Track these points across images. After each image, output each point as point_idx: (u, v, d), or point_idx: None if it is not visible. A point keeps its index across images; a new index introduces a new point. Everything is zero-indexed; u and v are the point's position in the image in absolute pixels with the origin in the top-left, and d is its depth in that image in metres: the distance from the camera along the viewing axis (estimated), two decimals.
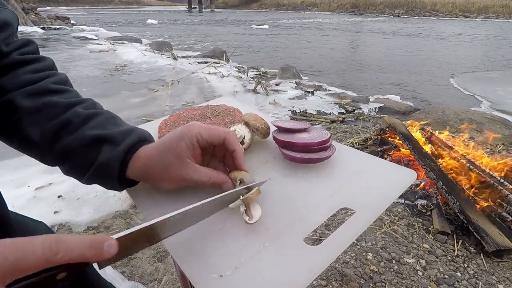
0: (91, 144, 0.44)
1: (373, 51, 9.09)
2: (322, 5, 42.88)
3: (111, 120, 0.48)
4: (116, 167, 0.44)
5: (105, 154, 0.44)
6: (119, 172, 0.44)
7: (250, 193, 0.42)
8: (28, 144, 0.46)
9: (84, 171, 0.45)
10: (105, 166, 0.44)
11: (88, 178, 0.46)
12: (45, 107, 0.45)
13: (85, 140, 0.44)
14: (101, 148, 0.44)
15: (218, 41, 10.60)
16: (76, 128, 0.45)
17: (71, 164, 0.46)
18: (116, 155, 0.44)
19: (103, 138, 0.45)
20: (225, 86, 4.57)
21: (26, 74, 0.47)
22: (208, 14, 34.31)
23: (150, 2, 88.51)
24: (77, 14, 28.80)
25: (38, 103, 0.45)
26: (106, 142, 0.44)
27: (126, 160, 0.45)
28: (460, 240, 1.50)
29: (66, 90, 0.49)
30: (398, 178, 0.51)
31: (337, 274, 1.31)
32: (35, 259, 0.25)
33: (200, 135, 0.44)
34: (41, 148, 0.45)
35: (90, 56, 6.73)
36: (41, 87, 0.46)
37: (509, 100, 4.54)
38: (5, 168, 2.25)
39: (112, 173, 0.44)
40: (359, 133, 2.95)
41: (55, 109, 0.45)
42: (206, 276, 0.37)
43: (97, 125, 0.46)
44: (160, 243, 0.58)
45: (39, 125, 0.44)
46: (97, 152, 0.44)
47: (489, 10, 30.91)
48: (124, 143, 0.45)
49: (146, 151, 0.46)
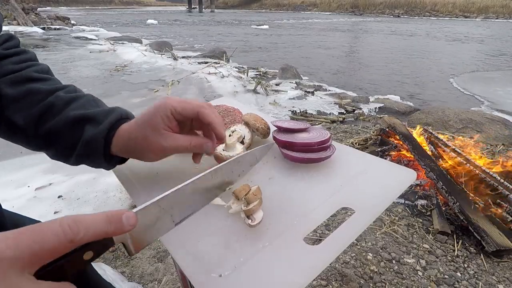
0: (75, 124, 0.46)
1: (373, 51, 9.09)
2: (322, 5, 42.90)
3: (92, 102, 0.50)
4: (100, 144, 0.46)
5: (88, 132, 0.46)
6: (104, 149, 0.46)
7: (252, 205, 0.43)
8: (13, 130, 0.48)
9: (71, 151, 0.47)
10: (90, 143, 0.46)
11: (76, 158, 0.48)
12: (28, 94, 0.47)
13: (68, 121, 0.46)
14: (84, 127, 0.46)
15: (218, 41, 10.60)
16: (59, 111, 0.47)
17: (57, 146, 0.48)
18: (100, 132, 0.46)
19: (86, 117, 0.47)
20: (225, 86, 4.57)
21: (8, 64, 0.49)
22: (208, 14, 34.32)
23: (150, 2, 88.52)
24: (77, 14, 28.81)
25: (21, 90, 0.47)
26: (89, 121, 0.47)
27: (109, 136, 0.47)
28: (460, 240, 1.50)
29: (48, 78, 0.52)
30: (398, 178, 0.51)
31: (337, 274, 1.31)
32: (58, 241, 0.24)
33: (173, 108, 0.46)
34: (27, 133, 0.47)
35: (90, 56, 6.74)
36: (23, 76, 0.49)
37: (509, 100, 4.54)
38: (5, 168, 2.25)
39: (97, 150, 0.46)
40: (359, 133, 2.95)
41: (38, 96, 0.47)
42: (206, 275, 0.37)
43: (79, 106, 0.48)
44: (160, 243, 0.57)
45: (23, 111, 0.46)
46: (81, 131, 0.46)
47: (489, 10, 30.93)
48: (106, 121, 0.47)
49: (127, 126, 0.48)
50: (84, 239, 0.26)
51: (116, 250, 1.43)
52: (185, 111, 0.46)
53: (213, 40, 10.80)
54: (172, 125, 0.47)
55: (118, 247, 1.44)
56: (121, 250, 1.43)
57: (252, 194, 0.43)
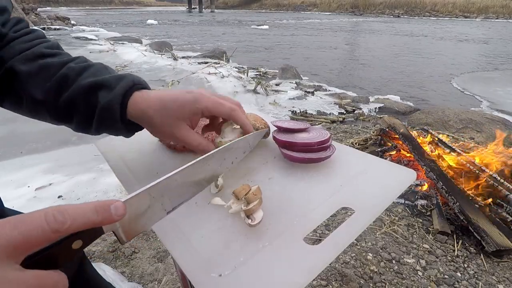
0: (89, 91, 0.47)
1: (373, 51, 9.09)
2: (322, 6, 42.91)
3: (103, 70, 0.51)
4: (117, 109, 0.46)
5: (103, 98, 0.47)
6: (121, 114, 0.47)
7: (252, 205, 0.42)
8: (35, 106, 0.49)
9: (89, 120, 0.48)
10: (106, 109, 0.47)
11: (96, 127, 0.49)
12: (42, 69, 0.49)
13: (82, 89, 0.47)
14: (97, 94, 0.47)
15: (218, 41, 10.61)
16: (73, 81, 0.48)
17: (77, 116, 0.49)
18: (114, 97, 0.46)
19: (99, 84, 0.47)
20: (225, 86, 4.57)
21: (20, 44, 0.51)
22: (208, 14, 34.33)
23: (150, 2, 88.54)
24: (77, 14, 28.81)
25: (34, 66, 0.49)
26: (102, 87, 0.47)
27: (125, 102, 0.47)
28: (460, 240, 1.50)
29: (58, 53, 0.53)
30: (398, 178, 0.51)
31: (337, 274, 1.31)
32: (42, 232, 0.24)
33: (207, 109, 0.48)
34: (47, 107, 0.49)
35: (90, 56, 6.69)
36: (35, 52, 0.50)
37: (509, 100, 4.54)
38: (5, 168, 2.25)
39: (115, 115, 0.47)
40: (359, 133, 2.95)
41: (51, 70, 0.49)
42: (206, 275, 0.37)
43: (91, 74, 0.49)
44: (160, 243, 0.57)
45: (40, 85, 0.48)
46: (95, 98, 0.47)
47: (489, 10, 30.94)
48: (118, 86, 0.47)
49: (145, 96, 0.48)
50: (70, 229, 0.26)
51: (116, 250, 1.43)
52: (218, 113, 0.48)
53: (213, 40, 10.80)
54: (195, 120, 0.49)
55: (118, 247, 1.44)
56: (121, 250, 1.43)
57: (252, 194, 0.43)
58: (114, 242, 1.47)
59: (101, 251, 1.42)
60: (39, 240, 0.24)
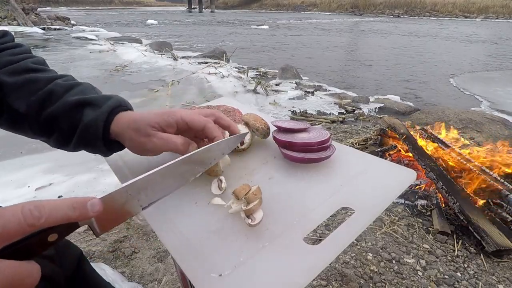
0: (74, 108, 0.48)
1: (373, 51, 9.09)
2: (322, 6, 42.90)
3: (91, 90, 0.52)
4: (100, 126, 0.47)
5: (88, 115, 0.47)
6: (104, 133, 0.47)
7: (252, 205, 0.42)
8: (16, 118, 0.49)
9: (70, 136, 0.48)
10: (90, 126, 0.47)
11: (75, 143, 0.49)
12: (28, 83, 0.49)
13: (68, 105, 0.48)
14: (83, 111, 0.48)
15: (218, 41, 10.60)
16: (59, 97, 0.48)
17: (58, 131, 0.49)
18: (99, 115, 0.47)
19: (86, 102, 0.48)
20: (225, 86, 4.57)
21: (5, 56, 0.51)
22: (208, 14, 34.33)
23: (150, 2, 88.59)
24: (77, 14, 28.81)
25: (20, 79, 0.49)
26: (89, 105, 0.48)
27: (109, 120, 0.48)
28: (460, 240, 1.50)
29: (45, 69, 0.53)
30: (398, 178, 0.51)
31: (337, 274, 1.31)
32: (19, 225, 0.25)
33: (181, 118, 0.48)
34: (29, 120, 0.49)
35: (90, 56, 6.74)
36: (21, 66, 0.50)
37: (509, 100, 4.54)
38: (5, 168, 2.25)
39: (97, 133, 0.47)
40: (359, 133, 2.95)
41: (37, 84, 0.49)
42: (205, 275, 0.37)
43: (79, 92, 0.50)
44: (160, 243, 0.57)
45: (24, 99, 0.48)
46: (80, 115, 0.47)
47: (489, 10, 30.93)
48: (105, 105, 0.48)
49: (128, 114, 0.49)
50: (46, 223, 0.27)
51: (116, 250, 1.43)
52: (192, 123, 0.49)
53: (213, 40, 10.80)
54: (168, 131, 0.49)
55: (118, 247, 1.44)
56: (121, 250, 1.43)
57: (252, 193, 0.43)
58: (114, 242, 1.47)
59: (101, 251, 1.42)
60: (15, 232, 0.25)
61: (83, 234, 1.54)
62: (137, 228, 1.58)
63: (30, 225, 0.26)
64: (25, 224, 0.26)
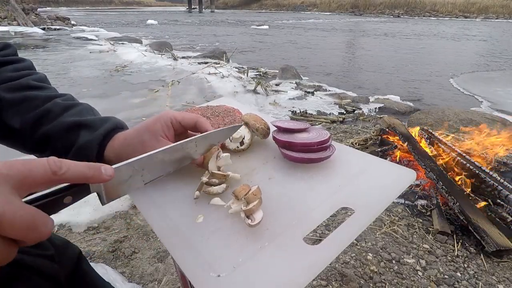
0: (71, 129, 0.48)
1: (373, 51, 9.08)
2: (322, 6, 42.91)
3: (89, 111, 0.53)
4: (94, 149, 0.47)
5: (84, 137, 0.48)
6: (97, 155, 0.48)
7: (252, 205, 0.42)
8: (10, 133, 0.49)
9: (63, 155, 0.48)
10: (84, 148, 0.47)
11: None
12: (26, 100, 0.49)
13: (64, 126, 0.48)
14: (79, 133, 0.48)
15: (218, 41, 10.61)
16: (56, 116, 0.49)
17: (51, 150, 0.49)
18: (95, 138, 0.48)
19: (82, 123, 0.49)
20: (225, 87, 4.57)
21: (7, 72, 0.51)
22: (208, 14, 34.33)
23: (150, 2, 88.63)
24: (77, 14, 28.83)
25: (19, 96, 0.49)
26: (85, 127, 0.49)
27: (104, 143, 0.48)
28: (460, 240, 1.50)
29: (46, 87, 0.53)
30: (398, 178, 0.51)
31: (337, 274, 1.31)
32: (44, 171, 0.29)
33: (174, 118, 0.50)
34: (23, 136, 0.49)
35: (90, 56, 6.73)
36: (22, 83, 0.50)
37: (509, 100, 4.53)
38: None
39: (90, 155, 0.48)
40: (359, 133, 2.95)
41: (35, 101, 0.49)
42: (205, 275, 0.37)
43: (76, 113, 0.50)
44: (160, 243, 0.57)
45: (20, 115, 0.49)
46: (76, 136, 0.48)
47: (489, 10, 30.93)
48: (101, 128, 0.49)
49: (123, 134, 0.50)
50: (66, 175, 0.30)
51: (116, 250, 1.43)
52: (184, 120, 0.50)
53: (213, 40, 10.80)
54: (169, 134, 0.50)
55: (118, 247, 1.45)
56: (121, 251, 1.43)
57: (252, 194, 0.43)
58: (114, 242, 1.47)
59: (101, 251, 1.42)
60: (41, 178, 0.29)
61: (83, 234, 1.54)
62: (137, 228, 1.58)
63: (54, 173, 0.29)
64: (50, 171, 0.29)
